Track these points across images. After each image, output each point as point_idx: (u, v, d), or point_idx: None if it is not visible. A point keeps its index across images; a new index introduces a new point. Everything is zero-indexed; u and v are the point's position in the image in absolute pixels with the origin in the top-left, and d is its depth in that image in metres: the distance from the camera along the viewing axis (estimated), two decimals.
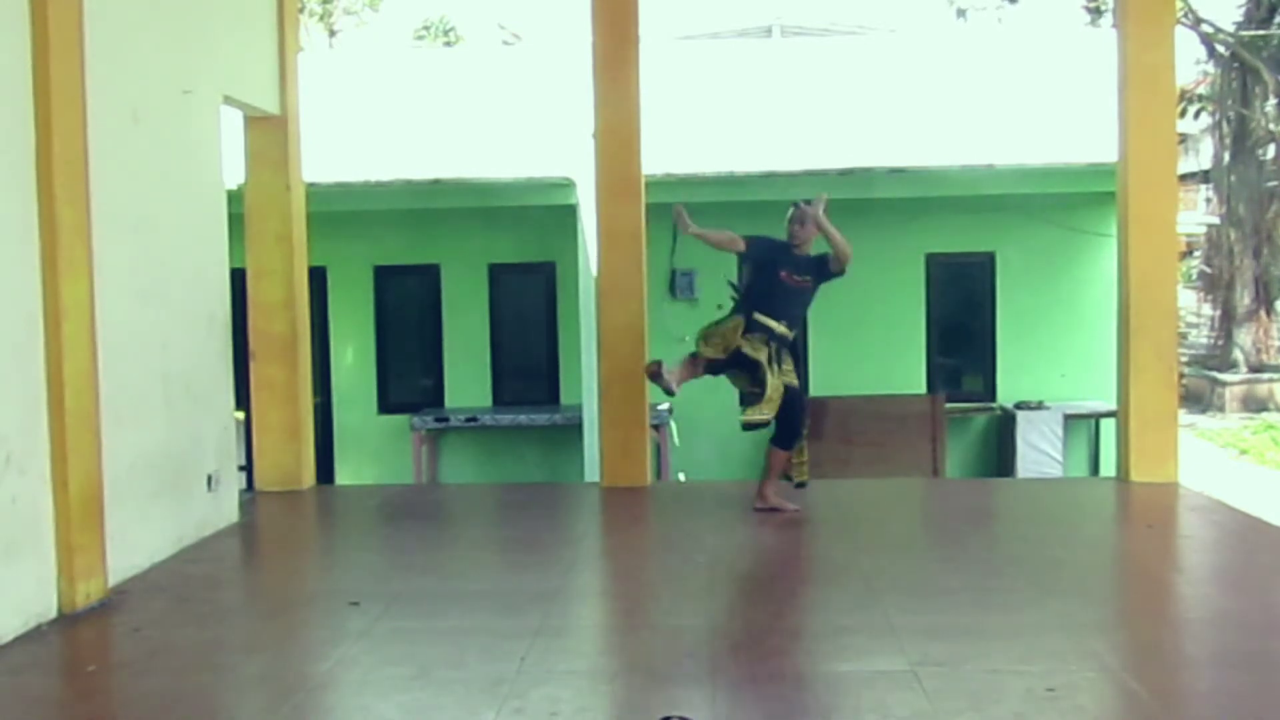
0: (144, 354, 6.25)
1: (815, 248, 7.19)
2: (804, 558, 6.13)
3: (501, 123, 11.86)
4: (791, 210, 7.20)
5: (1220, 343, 21.70)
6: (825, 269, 7.14)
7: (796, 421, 7.11)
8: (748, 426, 7.08)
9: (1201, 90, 22.53)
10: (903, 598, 5.63)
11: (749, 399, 7.06)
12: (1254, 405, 20.00)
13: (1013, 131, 11.66)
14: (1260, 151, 21.05)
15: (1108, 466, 11.18)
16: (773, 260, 7.11)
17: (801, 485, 7.34)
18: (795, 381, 7.13)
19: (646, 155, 8.21)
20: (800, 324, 7.37)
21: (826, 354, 12.02)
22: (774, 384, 6.97)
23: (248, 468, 8.81)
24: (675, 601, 5.50)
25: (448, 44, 33.99)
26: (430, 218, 12.28)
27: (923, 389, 12.30)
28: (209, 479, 6.91)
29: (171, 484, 6.48)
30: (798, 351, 7.33)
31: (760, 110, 12.15)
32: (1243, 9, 21.44)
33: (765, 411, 6.98)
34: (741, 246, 7.17)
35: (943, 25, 27.68)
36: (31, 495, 5.16)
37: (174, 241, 6.61)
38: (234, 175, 7.79)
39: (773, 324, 7.03)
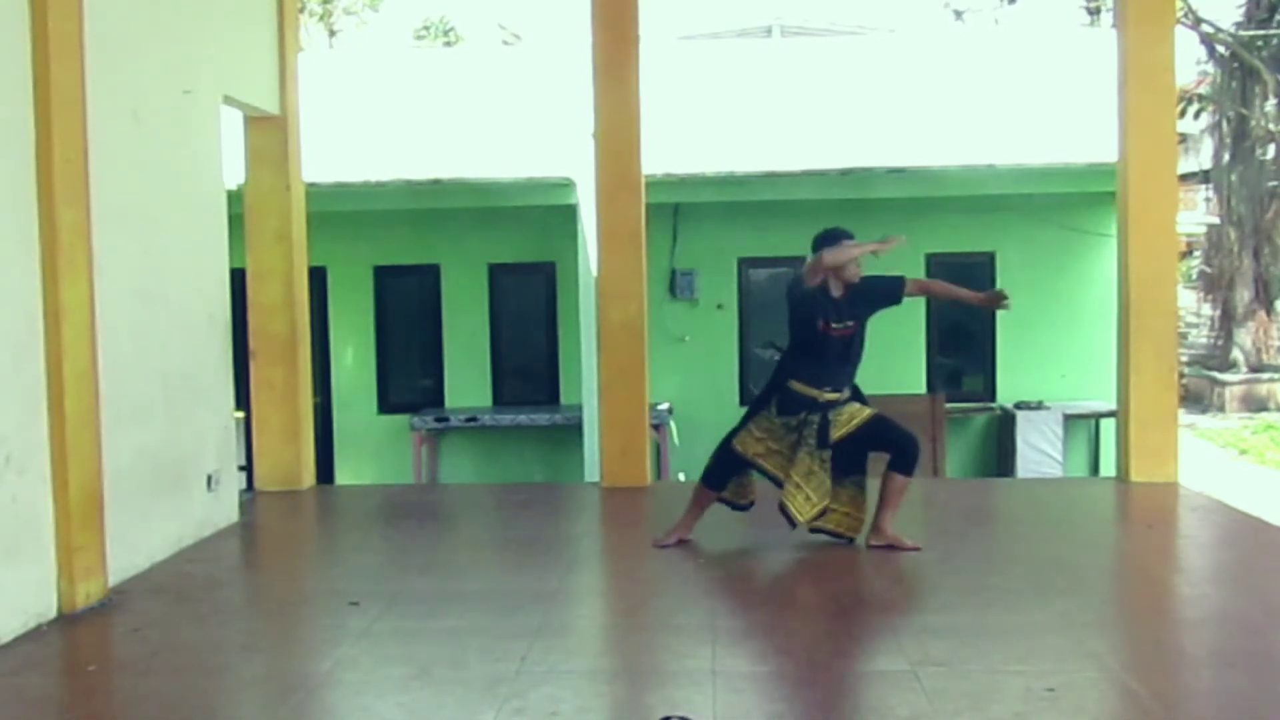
0: (144, 354, 6.24)
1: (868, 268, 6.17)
2: (802, 558, 6.12)
3: (501, 123, 11.86)
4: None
5: (1220, 343, 21.71)
6: (874, 297, 6.08)
7: (900, 439, 6.10)
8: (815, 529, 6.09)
9: (1201, 90, 22.53)
10: (903, 597, 5.64)
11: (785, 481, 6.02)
12: (1254, 405, 20.01)
13: (1013, 131, 11.66)
14: (1260, 151, 21.07)
15: (1108, 466, 11.18)
16: (811, 303, 5.97)
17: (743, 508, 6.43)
18: (862, 416, 6.06)
19: (646, 155, 8.21)
20: (849, 380, 6.15)
21: None
22: (802, 465, 5.93)
23: (248, 468, 8.81)
24: (675, 601, 5.50)
25: (448, 44, 33.98)
26: (430, 218, 12.29)
27: (923, 389, 12.29)
28: (209, 479, 6.92)
29: (171, 484, 6.48)
30: (861, 396, 6.25)
31: (760, 110, 12.15)
32: (1243, 9, 21.45)
33: (813, 501, 5.93)
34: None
35: (942, 25, 27.68)
36: (31, 495, 5.16)
37: (174, 241, 6.61)
38: (234, 175, 7.79)
39: (814, 393, 6.00)
